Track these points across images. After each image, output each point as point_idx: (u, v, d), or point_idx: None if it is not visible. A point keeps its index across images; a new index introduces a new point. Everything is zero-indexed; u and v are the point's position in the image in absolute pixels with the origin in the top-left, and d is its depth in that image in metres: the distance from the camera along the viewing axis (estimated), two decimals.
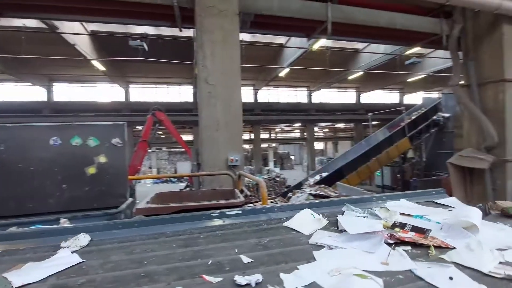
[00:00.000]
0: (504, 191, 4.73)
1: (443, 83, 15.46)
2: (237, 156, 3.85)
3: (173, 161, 28.18)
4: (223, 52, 3.96)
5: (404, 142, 12.88)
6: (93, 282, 1.01)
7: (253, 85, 19.77)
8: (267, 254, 1.23)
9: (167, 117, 9.26)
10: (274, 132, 36.15)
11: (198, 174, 3.87)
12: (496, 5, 4.18)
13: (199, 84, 4.01)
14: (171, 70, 15.46)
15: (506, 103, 4.70)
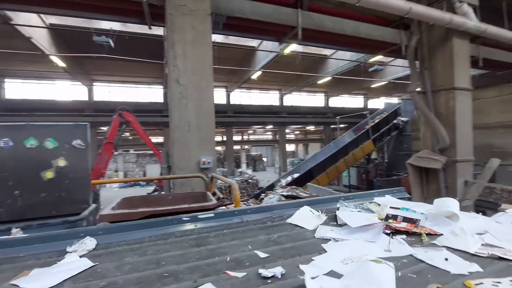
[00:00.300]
0: (455, 188, 5.22)
1: (402, 89, 16.67)
2: (209, 158, 3.80)
3: (142, 164, 26.89)
4: (195, 52, 3.89)
5: (368, 144, 13.65)
6: (116, 284, 1.01)
7: (225, 87, 19.68)
8: (280, 249, 1.30)
9: (135, 118, 8.84)
10: (246, 134, 36.21)
11: (169, 177, 3.74)
12: (447, 20, 4.63)
13: (169, 84, 3.90)
14: (140, 69, 14.81)
15: (456, 109, 5.20)
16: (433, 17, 4.55)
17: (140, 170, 26.33)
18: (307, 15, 4.88)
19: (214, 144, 4.13)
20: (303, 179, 11.19)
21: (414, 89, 5.58)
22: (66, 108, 14.77)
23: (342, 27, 5.19)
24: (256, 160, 33.74)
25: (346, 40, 5.65)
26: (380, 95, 24.84)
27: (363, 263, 1.04)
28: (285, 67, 13.66)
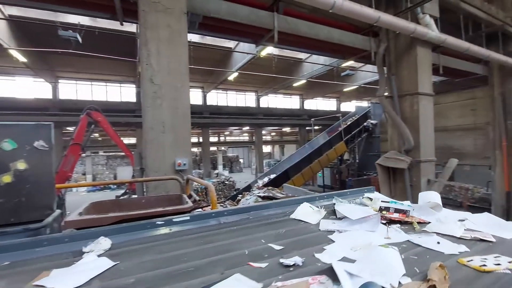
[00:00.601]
0: (419, 187, 5.59)
1: (372, 93, 17.55)
2: (185, 159, 3.72)
3: (113, 167, 25.58)
4: (170, 51, 3.80)
5: (341, 146, 14.19)
6: (145, 280, 1.05)
7: (202, 88, 19.41)
8: (292, 241, 1.40)
9: (104, 118, 8.41)
10: (223, 135, 35.96)
11: (142, 180, 3.60)
12: (412, 30, 4.96)
13: (143, 83, 3.76)
14: (111, 67, 14.14)
15: (419, 112, 5.58)
16: (399, 26, 4.85)
17: (111, 173, 25.04)
18: (283, 18, 4.97)
19: (190, 145, 4.05)
20: (280, 179, 11.34)
21: (382, 94, 5.90)
22: (28, 107, 13.67)
23: (316, 32, 5.35)
24: (232, 162, 33.60)
25: (320, 45, 5.84)
26: (352, 98, 25.98)
27: (373, 249, 1.19)
28: (262, 69, 13.81)
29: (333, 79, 15.36)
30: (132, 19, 4.50)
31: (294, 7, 5.17)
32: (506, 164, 8.73)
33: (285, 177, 11.92)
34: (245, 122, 20.41)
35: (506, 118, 8.61)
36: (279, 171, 12.86)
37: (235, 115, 19.51)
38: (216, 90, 19.89)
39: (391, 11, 5.32)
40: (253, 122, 20.52)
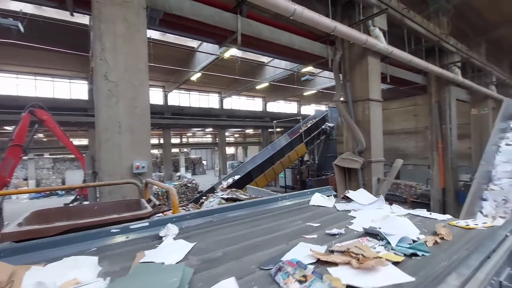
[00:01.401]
0: (370, 185, 6.09)
1: (329, 98, 18.60)
2: (143, 162, 3.55)
3: (60, 170, 23.12)
4: (127, 47, 3.60)
5: (301, 147, 14.76)
6: (230, 252, 1.29)
7: (163, 87, 18.65)
8: (323, 220, 1.74)
9: (51, 117, 7.63)
10: (185, 136, 34.92)
11: (95, 185, 3.34)
12: (364, 40, 5.41)
13: (96, 80, 3.51)
14: (59, 60, 12.84)
15: (370, 117, 6.09)
16: (353, 36, 5.24)
17: (58, 178, 22.63)
18: (246, 21, 5.04)
19: (150, 147, 3.88)
20: (243, 181, 11.40)
21: (338, 99, 6.30)
22: None
23: (278, 37, 5.53)
24: (195, 164, 32.80)
25: (282, 49, 6.04)
26: (311, 102, 27.23)
27: (390, 218, 1.59)
28: (225, 70, 13.77)
29: (294, 83, 15.95)
30: (84, 10, 4.17)
31: (257, 11, 5.28)
32: (442, 164, 9.96)
33: (248, 178, 12.02)
34: (208, 124, 20.10)
35: (441, 123, 9.82)
36: (243, 173, 12.93)
37: (198, 116, 19.13)
38: (178, 90, 19.29)
39: (346, 22, 5.72)
40: (216, 124, 20.31)
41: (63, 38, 9.26)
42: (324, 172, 17.72)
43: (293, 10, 4.15)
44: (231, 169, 20.41)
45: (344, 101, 6.32)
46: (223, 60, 11.78)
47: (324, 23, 4.64)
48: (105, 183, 3.17)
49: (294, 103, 27.41)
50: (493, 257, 1.10)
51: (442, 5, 8.53)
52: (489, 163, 6.53)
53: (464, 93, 10.95)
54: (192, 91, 20.59)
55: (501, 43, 13.00)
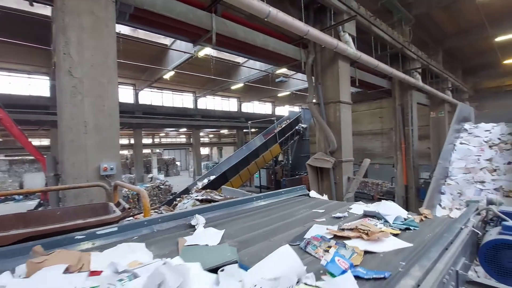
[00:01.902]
0: (341, 184, 6.34)
1: (303, 100, 19.08)
2: (112, 163, 3.37)
3: (18, 173, 21.08)
4: (94, 41, 3.40)
5: (276, 148, 14.98)
6: (257, 235, 1.52)
7: (133, 85, 17.85)
8: (325, 207, 2.08)
9: (7, 114, 6.97)
10: (158, 136, 33.78)
11: (57, 188, 3.10)
12: (335, 45, 5.63)
13: (59, 76, 3.27)
14: (17, 54, 11.74)
15: (341, 118, 6.35)
16: (325, 41, 5.44)
17: (15, 181, 20.61)
18: (221, 21, 5.00)
19: (119, 147, 3.69)
20: (218, 182, 11.30)
21: (311, 100, 6.49)
22: None
23: (253, 38, 5.56)
24: (168, 164, 31.83)
25: (257, 50, 6.08)
26: (285, 103, 27.73)
27: (381, 203, 1.85)
28: (200, 69, 13.54)
29: (268, 84, 16.13)
30: (45, 1, 3.87)
31: (232, 11, 5.26)
32: (405, 163, 10.68)
33: (224, 179, 11.94)
34: (182, 124, 19.60)
35: (404, 125, 10.53)
36: (218, 173, 12.82)
37: (171, 115, 18.57)
38: (150, 88, 18.58)
39: (318, 26, 5.91)
40: (190, 124, 19.88)
41: (21, 29, 8.49)
42: (297, 172, 18.13)
43: (268, 12, 4.20)
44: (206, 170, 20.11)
45: (317, 103, 6.52)
46: (197, 59, 11.56)
47: (297, 26, 4.76)
48: (69, 186, 2.96)
49: (269, 104, 27.72)
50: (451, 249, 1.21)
51: (404, 15, 9.18)
52: (446, 160, 7.18)
53: (424, 97, 11.86)
54: (165, 90, 19.95)
55: (456, 52, 14.32)
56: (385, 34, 7.66)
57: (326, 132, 6.21)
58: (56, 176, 3.60)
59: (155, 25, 4.88)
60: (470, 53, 14.70)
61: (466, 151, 7.34)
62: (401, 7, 8.90)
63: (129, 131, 19.44)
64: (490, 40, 11.16)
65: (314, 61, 6.54)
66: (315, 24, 6.06)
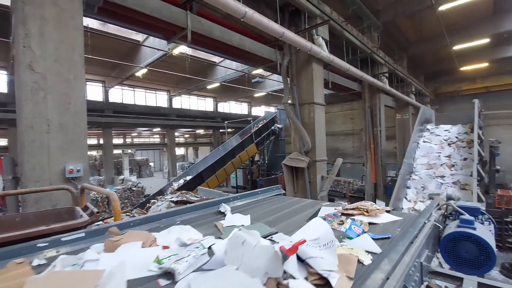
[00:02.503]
0: (315, 183, 6.53)
1: (278, 100, 19.37)
2: (78, 165, 3.17)
3: None
4: (59, 34, 3.17)
5: (252, 148, 15.04)
6: (276, 218, 1.84)
7: (102, 82, 16.91)
8: (301, 206, 2.25)
9: None
10: (130, 136, 32.36)
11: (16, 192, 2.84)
12: (309, 48, 5.78)
13: (18, 70, 3.01)
14: None
15: (315, 119, 6.54)
16: (299, 43, 5.56)
17: None
18: (196, 19, 4.91)
19: (86, 148, 3.48)
20: (194, 182, 11.11)
21: (286, 101, 6.61)
22: None
23: (229, 38, 5.53)
24: (141, 166, 30.62)
25: (233, 50, 6.06)
26: (261, 104, 27.94)
27: (359, 203, 2.01)
28: (175, 68, 13.19)
29: (245, 84, 16.15)
30: None
31: (208, 9, 5.20)
32: (374, 162, 11.25)
33: (200, 179, 11.75)
34: (156, 123, 18.90)
35: (373, 126, 11.10)
36: (194, 174, 12.60)
37: (144, 115, 17.85)
38: (121, 86, 17.73)
39: (293, 29, 6.03)
40: (165, 123, 19.24)
41: None
42: (273, 171, 18.35)
43: (244, 12, 4.21)
44: (181, 171, 19.65)
45: (292, 104, 6.65)
46: (172, 57, 11.22)
47: (273, 28, 4.82)
48: (30, 190, 2.74)
49: (245, 104, 27.74)
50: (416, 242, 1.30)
51: (373, 22, 9.67)
52: (410, 157, 7.82)
53: (391, 100, 12.61)
54: (137, 88, 19.13)
55: (418, 59, 15.40)
56: (355, 39, 8.02)
57: (301, 132, 6.35)
58: (15, 179, 3.32)
59: (126, 20, 4.67)
60: (431, 60, 15.89)
61: (428, 148, 8.10)
62: (370, 14, 9.37)
63: (98, 130, 18.40)
64: (449, 48, 12.14)
65: (290, 62, 6.67)
66: (290, 27, 6.18)
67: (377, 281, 0.93)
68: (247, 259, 1.05)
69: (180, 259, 1.11)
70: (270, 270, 1.00)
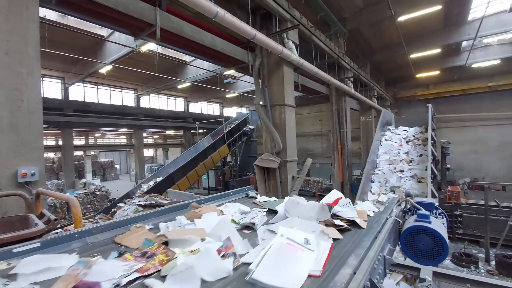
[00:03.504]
0: (286, 183, 6.66)
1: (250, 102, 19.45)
2: (33, 168, 2.90)
3: None
4: (10, 25, 2.88)
5: (224, 148, 14.93)
6: None
7: (62, 78, 15.63)
8: None
9: None
10: (93, 137, 30.33)
11: None
12: (280, 50, 5.89)
13: None
14: None
15: (286, 120, 6.67)
16: (270, 46, 5.65)
17: None
18: (166, 16, 4.75)
19: (42, 149, 3.19)
20: (164, 185, 10.73)
21: (258, 103, 6.66)
22: None
23: (201, 37, 5.43)
24: (105, 168, 28.80)
25: (204, 50, 5.97)
26: (233, 104, 27.87)
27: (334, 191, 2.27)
28: (143, 65, 12.62)
29: (216, 85, 15.97)
30: None
31: (178, 7, 5.06)
32: (341, 162, 11.79)
33: (170, 181, 11.38)
34: (122, 123, 17.90)
35: (340, 127, 11.64)
36: (164, 176, 12.18)
37: (109, 114, 16.82)
38: (83, 83, 16.54)
39: (264, 32, 6.10)
40: (132, 123, 18.31)
41: None
42: (245, 172, 18.38)
43: (216, 12, 4.18)
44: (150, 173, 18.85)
45: (263, 105, 6.72)
46: (139, 54, 10.73)
47: (245, 29, 4.84)
48: None
49: (217, 104, 27.44)
50: (379, 237, 1.39)
51: (340, 29, 10.16)
52: (374, 154, 8.66)
53: (356, 103, 13.34)
54: (101, 86, 17.97)
55: (380, 65, 16.51)
56: (323, 45, 8.35)
57: (272, 133, 6.44)
58: None
59: (88, 13, 4.39)
60: (391, 67, 17.11)
61: (389, 146, 9.08)
62: (337, 21, 9.83)
63: (56, 130, 16.96)
64: (406, 56, 13.15)
65: (261, 64, 6.74)
66: (262, 29, 6.25)
67: (345, 276, 0.98)
68: (303, 212, 1.69)
69: (253, 217, 1.73)
70: (321, 216, 1.63)
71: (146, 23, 4.57)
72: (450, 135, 16.17)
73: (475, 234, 8.34)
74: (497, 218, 7.76)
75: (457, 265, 7.13)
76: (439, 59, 15.32)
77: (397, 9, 8.96)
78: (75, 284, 0.94)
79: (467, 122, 17.87)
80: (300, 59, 6.55)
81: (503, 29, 11.38)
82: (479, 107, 17.44)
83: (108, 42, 11.19)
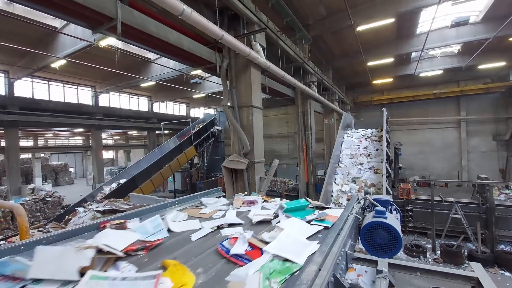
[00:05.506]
0: (254, 184, 6.71)
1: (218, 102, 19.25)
2: None
3: None
4: None
5: (191, 150, 14.59)
6: None
7: (6, 72, 13.93)
8: None
9: None
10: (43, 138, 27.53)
11: None
12: (247, 52, 5.94)
13: None
14: None
15: (253, 122, 6.73)
16: (238, 47, 5.67)
17: None
18: (128, 10, 4.50)
19: None
20: (126, 189, 10.13)
21: (226, 104, 6.63)
22: None
23: (166, 35, 5.24)
24: (58, 172, 26.32)
25: (170, 48, 5.76)
26: (201, 105, 27.38)
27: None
28: (102, 61, 11.79)
29: (183, 84, 15.53)
30: None
31: (142, 2, 4.86)
32: (306, 162, 12.24)
33: (132, 185, 10.77)
34: (77, 123, 16.46)
35: (305, 129, 12.08)
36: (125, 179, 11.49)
37: (62, 112, 15.39)
38: (32, 78, 14.92)
39: (232, 33, 6.10)
40: (89, 123, 16.95)
41: None
42: (213, 174, 18.15)
43: (182, 9, 4.09)
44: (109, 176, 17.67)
45: (231, 106, 6.71)
46: (98, 49, 9.95)
47: (212, 29, 4.80)
48: None
49: (183, 105, 26.67)
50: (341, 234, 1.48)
51: (304, 35, 10.58)
52: (338, 149, 9.55)
53: (319, 106, 13.99)
54: (53, 81, 16.35)
55: (341, 71, 17.53)
56: (289, 49, 8.61)
57: (240, 134, 6.46)
58: None
59: (40, 1, 4.00)
60: (351, 73, 18.28)
61: (351, 142, 10.10)
62: (302, 27, 10.21)
63: None
64: (364, 64, 14.13)
65: (229, 65, 6.74)
66: (229, 30, 6.25)
67: (311, 273, 1.03)
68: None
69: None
70: None
71: (105, 16, 4.29)
72: (402, 137, 17.78)
73: (423, 226, 9.24)
74: (441, 212, 8.68)
75: (409, 256, 7.83)
76: (392, 68, 16.76)
77: (357, 19, 9.59)
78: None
79: (416, 125, 19.80)
80: (267, 62, 6.68)
81: (445, 43, 12.83)
82: (426, 112, 19.44)
83: (62, 34, 10.25)
